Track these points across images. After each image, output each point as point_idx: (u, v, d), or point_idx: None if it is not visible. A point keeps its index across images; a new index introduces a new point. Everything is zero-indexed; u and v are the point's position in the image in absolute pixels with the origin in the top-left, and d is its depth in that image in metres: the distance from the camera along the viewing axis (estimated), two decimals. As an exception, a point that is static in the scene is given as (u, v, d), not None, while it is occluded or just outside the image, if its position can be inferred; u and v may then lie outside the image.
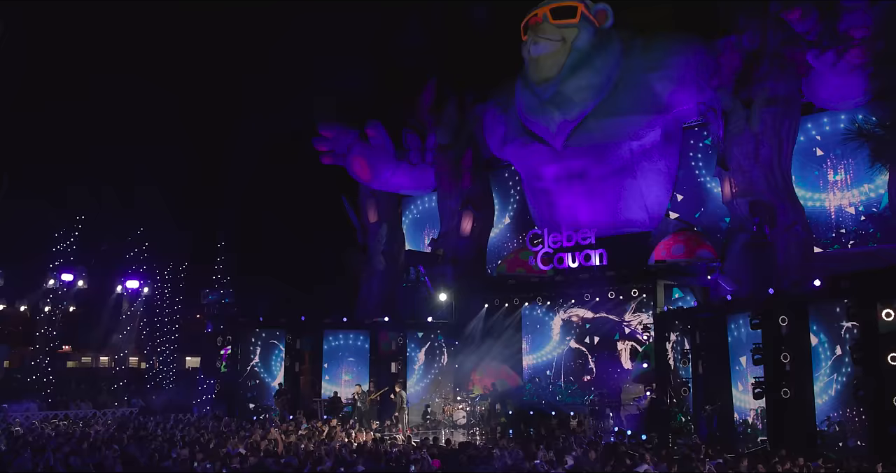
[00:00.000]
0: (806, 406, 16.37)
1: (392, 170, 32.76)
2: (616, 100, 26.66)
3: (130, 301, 35.64)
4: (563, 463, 12.90)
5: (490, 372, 27.37)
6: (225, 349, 27.72)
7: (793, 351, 16.63)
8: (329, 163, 33.30)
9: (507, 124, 29.77)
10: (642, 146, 26.80)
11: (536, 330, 28.75)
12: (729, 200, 24.13)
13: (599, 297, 25.50)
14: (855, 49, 21.04)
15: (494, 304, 27.74)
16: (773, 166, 23.47)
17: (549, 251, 26.43)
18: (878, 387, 14.58)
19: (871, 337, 14.80)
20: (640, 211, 27.07)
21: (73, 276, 33.54)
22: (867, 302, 15.03)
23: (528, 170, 29.07)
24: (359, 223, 34.33)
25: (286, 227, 35.88)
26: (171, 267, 37.32)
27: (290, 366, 27.07)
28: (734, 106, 24.15)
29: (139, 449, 15.59)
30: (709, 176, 26.76)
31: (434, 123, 32.31)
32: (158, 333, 37.88)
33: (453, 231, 30.95)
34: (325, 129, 32.71)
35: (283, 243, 36.11)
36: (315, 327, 27.73)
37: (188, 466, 13.61)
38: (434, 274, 29.65)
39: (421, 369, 28.01)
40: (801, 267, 21.93)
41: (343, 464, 13.21)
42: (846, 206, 24.30)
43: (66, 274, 33.57)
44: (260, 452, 15.10)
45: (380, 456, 14.62)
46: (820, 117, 24.95)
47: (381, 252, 33.40)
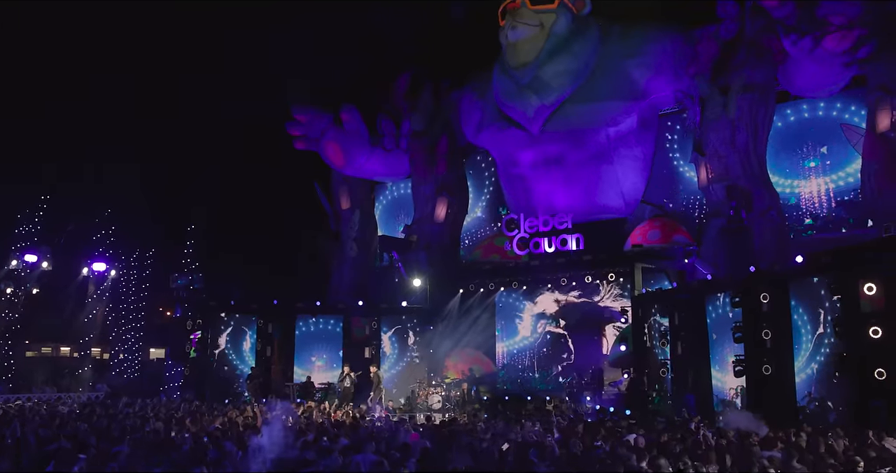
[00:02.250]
0: (786, 383, 16.45)
1: (366, 155, 32.40)
2: (593, 86, 26.70)
3: (97, 284, 34.73)
4: (551, 434, 12.75)
5: (464, 357, 27.20)
6: (194, 334, 27.11)
7: (773, 327, 16.70)
8: (302, 148, 32.82)
9: (483, 110, 29.65)
10: (619, 132, 26.87)
11: (510, 316, 28.59)
12: (705, 186, 24.30)
13: (576, 282, 25.50)
14: (832, 35, 21.23)
15: (469, 289, 27.58)
16: (748, 152, 23.68)
17: (525, 236, 26.39)
18: (861, 361, 14.67)
19: (854, 312, 14.88)
20: (617, 197, 27.12)
21: (38, 257, 32.52)
22: (849, 277, 15.13)
23: (505, 156, 28.97)
24: (331, 209, 33.92)
25: (258, 213, 35.24)
26: (139, 250, 36.43)
27: (262, 351, 26.60)
28: (711, 93, 24.32)
29: (112, 424, 15.11)
30: (684, 162, 26.90)
31: (409, 109, 32.08)
32: (124, 321, 36.96)
33: (427, 217, 30.75)
34: (298, 113, 32.25)
35: (254, 229, 35.45)
36: (287, 311, 27.30)
37: (165, 436, 13.18)
38: (408, 260, 29.42)
39: (394, 354, 27.70)
40: (776, 251, 22.12)
41: (327, 436, 12.91)
42: (819, 193, 24.59)
43: (30, 255, 32.52)
44: (238, 426, 14.72)
45: (359, 431, 14.35)
46: (796, 105, 25.22)
47: (353, 238, 33.04)
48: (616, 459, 8.81)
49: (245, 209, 35.47)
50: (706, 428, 12.31)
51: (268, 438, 12.73)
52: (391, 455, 10.59)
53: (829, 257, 15.87)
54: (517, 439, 12.14)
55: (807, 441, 11.00)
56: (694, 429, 13.28)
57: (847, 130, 24.08)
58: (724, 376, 18.85)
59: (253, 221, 35.13)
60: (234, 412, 18.32)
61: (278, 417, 16.97)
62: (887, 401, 14.26)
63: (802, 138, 25.04)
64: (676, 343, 20.06)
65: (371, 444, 10.53)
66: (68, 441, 12.47)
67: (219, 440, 12.56)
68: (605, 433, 12.71)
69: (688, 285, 21.00)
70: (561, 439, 11.99)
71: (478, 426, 14.82)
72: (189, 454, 10.52)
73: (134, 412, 19.14)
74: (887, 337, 14.43)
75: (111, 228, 35.36)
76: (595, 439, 11.94)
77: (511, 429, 13.49)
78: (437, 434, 13.44)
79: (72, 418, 16.80)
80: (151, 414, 17.68)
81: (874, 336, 14.52)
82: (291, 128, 32.48)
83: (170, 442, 12.32)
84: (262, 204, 35.08)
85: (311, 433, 13.82)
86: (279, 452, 10.67)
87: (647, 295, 22.48)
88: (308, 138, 32.62)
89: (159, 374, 32.21)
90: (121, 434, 13.86)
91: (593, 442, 11.26)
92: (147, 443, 12.11)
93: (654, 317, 21.45)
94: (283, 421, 15.12)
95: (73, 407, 21.22)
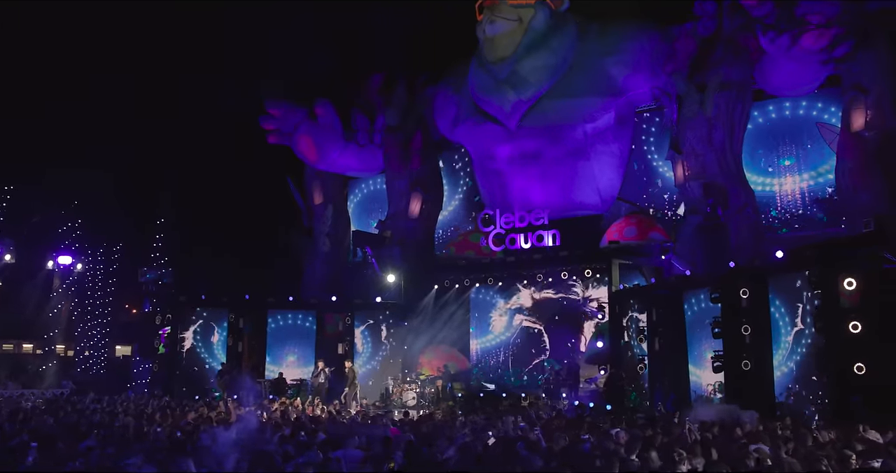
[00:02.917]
0: (765, 378, 16.44)
1: (340, 150, 32.00)
2: (571, 82, 26.58)
3: (62, 278, 33.86)
4: (532, 430, 12.54)
5: (439, 354, 26.96)
6: (163, 329, 26.54)
7: (753, 323, 16.68)
8: (275, 143, 32.32)
9: (458, 105, 29.39)
10: (596, 128, 26.77)
11: (485, 312, 28.51)
12: (681, 183, 24.30)
13: (552, 278, 25.39)
14: (810, 34, 21.32)
15: (444, 285, 27.35)
16: (725, 150, 23.70)
17: (500, 232, 26.23)
18: (840, 356, 14.67)
19: (833, 307, 14.88)
20: (593, 193, 27.02)
21: (0, 250, 31.58)
22: (829, 271, 15.13)
23: (481, 151, 28.74)
24: (304, 204, 33.47)
25: (228, 207, 34.65)
26: (107, 243, 35.58)
27: (233, 346, 26.09)
28: (688, 90, 24.31)
29: (80, 419, 14.63)
30: (660, 159, 26.92)
31: (383, 104, 31.73)
32: (89, 316, 36.12)
33: (401, 212, 30.42)
34: (272, 107, 31.76)
35: (225, 223, 34.84)
36: (259, 306, 26.84)
37: (137, 431, 12.76)
38: (381, 256, 29.10)
39: (368, 350, 27.35)
40: (752, 248, 22.16)
41: (304, 430, 12.58)
42: (794, 191, 24.72)
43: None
44: (212, 421, 14.33)
45: (337, 426, 14.05)
46: (771, 104, 25.33)
47: (325, 233, 32.61)
48: (608, 453, 8.61)
49: (216, 203, 34.88)
50: (691, 422, 12.19)
51: (243, 432, 12.40)
52: (373, 450, 10.32)
53: (809, 252, 15.87)
54: (500, 433, 11.92)
55: (795, 434, 10.90)
56: (678, 423, 13.15)
57: (823, 129, 24.22)
58: (702, 372, 18.82)
59: (224, 215, 34.56)
60: (204, 408, 17.90)
61: (252, 412, 16.63)
62: (866, 396, 14.27)
63: (778, 137, 25.13)
64: (654, 339, 19.99)
65: (354, 439, 10.22)
66: (33, 437, 12.04)
67: (192, 434, 12.20)
68: (588, 428, 12.53)
69: (666, 281, 20.95)
70: (544, 433, 11.78)
71: (457, 421, 14.58)
72: (164, 446, 10.14)
73: (102, 407, 18.62)
74: (867, 331, 14.45)
75: (77, 221, 34.52)
76: (579, 433, 11.75)
77: (491, 424, 13.26)
78: (417, 429, 13.19)
79: (36, 413, 16.28)
80: (121, 410, 17.20)
81: (854, 331, 14.53)
82: (264, 122, 31.96)
83: (142, 437, 11.92)
84: (233, 198, 34.50)
85: (287, 427, 13.49)
86: (256, 446, 10.34)
87: (624, 292, 22.40)
88: (281, 132, 32.14)
89: (126, 371, 31.52)
90: (88, 429, 13.42)
91: (579, 436, 11.06)
92: (118, 438, 11.71)
93: (632, 313, 21.36)
94: (257, 416, 14.78)
95: (38, 403, 20.66)
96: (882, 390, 13.95)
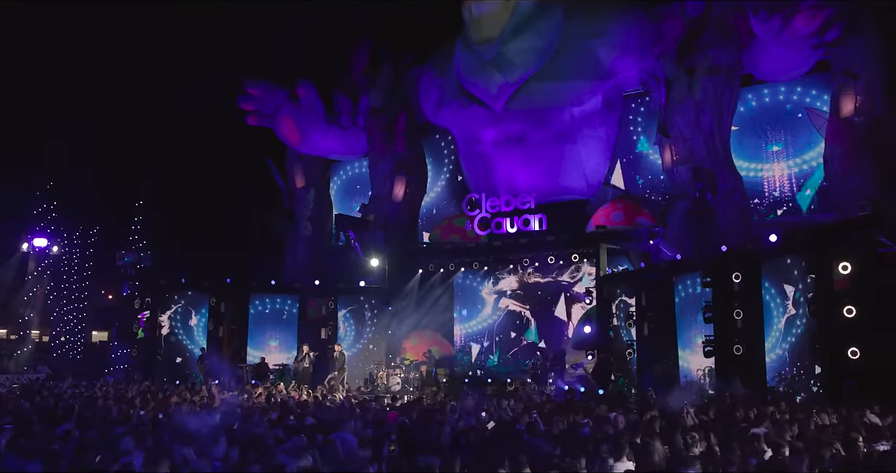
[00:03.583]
0: (757, 363, 16.30)
1: (322, 133, 31.46)
2: (558, 64, 26.25)
3: (37, 261, 33.03)
4: (529, 413, 12.27)
5: (423, 339, 26.64)
6: (142, 314, 25.96)
7: (745, 307, 16.52)
8: (255, 125, 31.73)
9: (443, 87, 28.98)
10: (583, 112, 26.50)
11: (469, 298, 28.26)
12: (669, 168, 24.14)
13: (539, 262, 25.13)
14: (802, 15, 21.15)
15: (429, 270, 27.02)
16: (713, 134, 23.56)
17: (486, 216, 25.92)
18: (834, 340, 14.54)
19: (828, 291, 14.74)
20: (579, 178, 26.76)
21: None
22: (824, 256, 14.98)
23: (466, 134, 28.36)
24: (285, 187, 32.94)
25: (208, 189, 33.98)
26: (83, 226, 34.77)
27: (214, 331, 25.59)
28: (677, 74, 24.12)
29: (58, 403, 14.17)
30: (648, 144, 26.72)
31: (367, 85, 31.22)
32: (65, 301, 35.39)
33: (385, 196, 29.98)
34: (252, 87, 31.12)
35: (205, 206, 34.18)
36: (240, 290, 26.34)
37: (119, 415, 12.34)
38: (365, 240, 28.65)
39: (351, 335, 26.98)
40: (741, 233, 22.04)
41: (293, 415, 12.23)
42: (782, 177, 24.62)
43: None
44: (196, 405, 13.94)
45: (325, 409, 13.71)
46: (759, 89, 25.17)
47: (307, 217, 32.15)
48: (616, 437, 8.35)
49: (195, 185, 34.20)
50: (689, 406, 11.98)
51: (229, 416, 12.03)
52: (368, 434, 10.01)
53: (803, 236, 15.71)
54: (494, 417, 11.65)
55: (794, 418, 10.72)
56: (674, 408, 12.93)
57: (812, 114, 24.10)
58: (692, 356, 18.68)
59: (204, 198, 33.90)
60: (187, 392, 17.48)
61: (235, 396, 16.26)
62: (860, 380, 14.17)
63: (766, 122, 24.98)
64: (643, 324, 19.80)
65: (350, 423, 9.88)
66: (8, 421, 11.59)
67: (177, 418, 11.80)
68: (584, 412, 12.29)
69: (656, 265, 20.75)
70: (541, 417, 11.52)
71: (447, 406, 14.29)
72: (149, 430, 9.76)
73: (80, 392, 18.14)
74: (861, 316, 14.32)
75: (53, 202, 33.70)
76: (574, 418, 11.50)
77: (483, 408, 12.98)
78: (408, 414, 12.89)
79: (11, 397, 15.78)
80: (100, 394, 16.74)
81: (848, 315, 14.39)
82: (244, 102, 31.31)
83: (124, 420, 11.52)
84: (213, 180, 33.84)
85: (274, 412, 13.15)
86: (245, 430, 9.98)
87: (612, 276, 22.20)
88: (262, 114, 31.52)
89: (104, 356, 30.90)
90: (67, 414, 12.97)
91: (578, 421, 10.81)
92: (99, 421, 11.29)
93: (622, 298, 21.16)
94: (242, 400, 14.42)
95: (13, 388, 20.12)
96: (876, 374, 13.83)
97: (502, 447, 7.72)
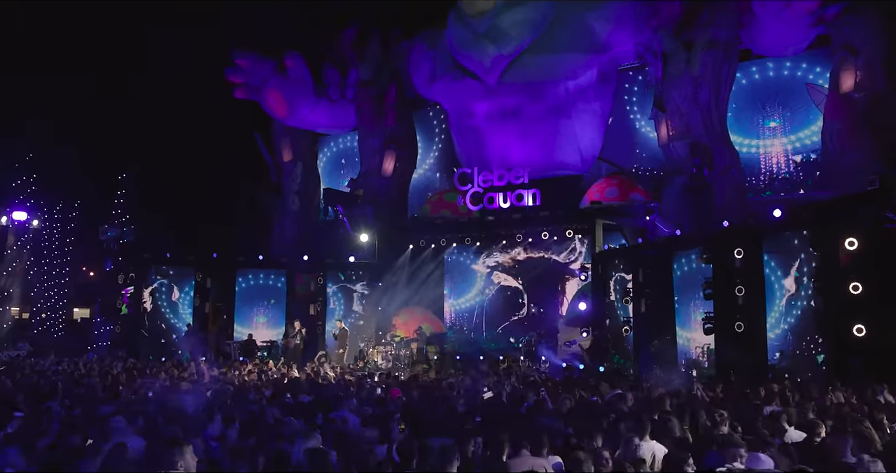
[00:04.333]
0: (758, 340, 16.01)
1: (310, 106, 30.82)
2: (553, 37, 25.71)
3: (17, 235, 32.17)
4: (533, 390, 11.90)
5: (413, 316, 26.24)
6: (126, 289, 25.37)
7: (747, 284, 16.19)
8: (242, 97, 31.01)
9: (434, 60, 28.35)
10: (578, 86, 26.00)
11: (460, 274, 27.88)
12: (665, 143, 23.75)
13: (532, 238, 24.74)
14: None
15: (420, 245, 26.57)
16: (710, 109, 23.19)
17: (478, 190, 25.50)
18: (839, 317, 14.26)
19: (833, 267, 14.44)
20: (574, 153, 26.29)
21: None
22: (829, 231, 14.67)
23: (458, 107, 27.79)
24: (272, 161, 32.30)
25: (194, 162, 33.16)
26: (65, 200, 33.87)
27: (200, 307, 25.07)
28: (675, 48, 23.66)
29: (40, 380, 13.67)
30: (643, 119, 26.31)
31: (356, 58, 30.54)
32: (46, 277, 34.62)
33: (374, 170, 29.44)
34: (240, 58, 30.38)
35: (190, 179, 33.34)
36: (227, 265, 25.79)
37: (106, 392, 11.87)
38: (353, 215, 28.11)
39: (340, 311, 26.54)
40: (738, 209, 21.74)
41: (289, 392, 11.80)
42: (779, 153, 24.33)
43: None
44: (185, 382, 13.48)
45: (321, 387, 13.30)
46: (757, 64, 24.77)
47: (295, 191, 31.62)
48: (634, 415, 7.98)
49: (180, 159, 33.40)
50: (697, 383, 11.67)
51: (221, 394, 11.61)
52: (364, 412, 9.61)
53: (808, 211, 15.39)
54: (496, 394, 11.28)
55: (806, 397, 10.41)
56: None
57: (811, 90, 23.74)
58: (691, 334, 18.40)
59: (189, 171, 33.11)
60: (174, 369, 17.02)
61: (224, 374, 15.81)
62: (864, 358, 13.90)
63: (764, 98, 24.62)
64: (640, 300, 19.47)
65: (352, 401, 9.46)
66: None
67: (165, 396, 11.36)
68: (590, 390, 11.94)
69: (654, 241, 20.39)
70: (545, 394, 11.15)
71: (443, 383, 13.93)
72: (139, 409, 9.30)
73: (63, 369, 17.62)
74: (867, 292, 14.03)
75: (33, 175, 32.78)
76: (582, 394, 11.15)
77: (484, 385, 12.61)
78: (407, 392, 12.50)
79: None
80: (84, 371, 16.23)
81: (854, 292, 14.10)
82: (232, 74, 30.63)
83: (111, 398, 11.05)
84: (198, 154, 33.04)
85: (267, 389, 12.72)
86: (241, 408, 9.55)
87: (609, 252, 21.86)
88: (249, 86, 30.83)
89: (86, 332, 30.27)
90: (51, 391, 12.48)
91: (586, 398, 10.45)
92: (85, 398, 10.82)
93: (619, 274, 20.82)
94: (234, 377, 13.97)
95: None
96: (881, 351, 13.56)
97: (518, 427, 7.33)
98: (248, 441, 7.36)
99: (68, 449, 7.00)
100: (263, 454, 6.14)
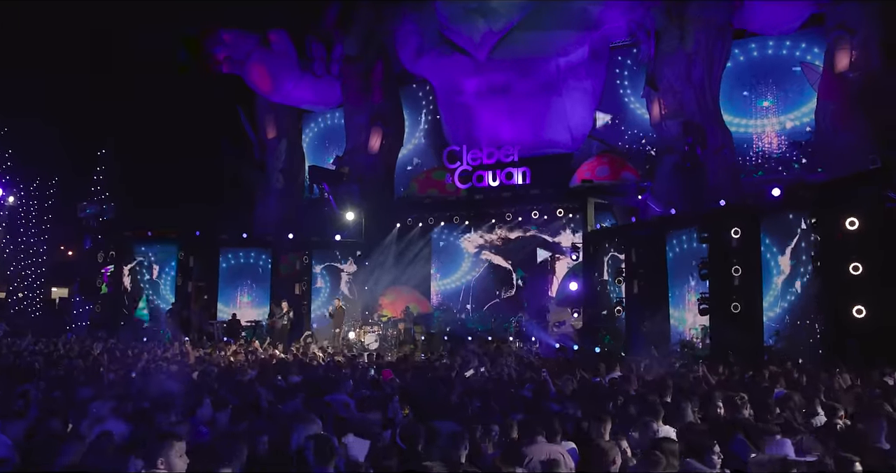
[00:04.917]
0: (755, 321, 15.76)
1: (295, 81, 30.14)
2: (544, 13, 25.22)
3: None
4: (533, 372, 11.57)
5: (400, 296, 25.84)
6: (106, 268, 24.72)
7: (744, 264, 15.92)
8: (226, 72, 30.26)
9: (422, 35, 27.76)
10: (569, 63, 25.57)
11: (449, 253, 27.47)
12: (658, 122, 23.39)
13: (522, 217, 24.37)
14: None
15: (407, 224, 26.13)
16: (704, 88, 22.86)
17: (467, 168, 25.07)
18: (839, 298, 14.02)
19: (834, 248, 14.18)
20: (564, 131, 25.91)
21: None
22: (829, 211, 14.40)
23: (447, 84, 27.25)
24: (256, 138, 31.64)
25: (175, 138, 32.40)
26: (42, 176, 33.01)
27: (183, 286, 24.51)
28: (668, 25, 23.26)
29: (17, 361, 13.16)
30: (634, 97, 25.93)
31: (342, 33, 29.85)
32: (23, 255, 33.85)
33: (360, 147, 28.84)
34: (223, 32, 29.61)
35: (171, 154, 32.59)
36: (210, 244, 25.21)
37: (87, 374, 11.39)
38: (339, 193, 27.57)
39: (326, 291, 26.08)
40: (730, 189, 21.47)
41: (279, 374, 11.38)
42: (772, 133, 24.07)
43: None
44: (168, 363, 13.02)
45: (311, 368, 12.89)
46: (751, 42, 24.43)
47: (279, 169, 31.01)
48: (643, 398, 7.64)
49: (161, 135, 32.64)
50: (703, 365, 11.39)
51: (208, 375, 11.18)
52: (360, 394, 9.21)
53: (808, 191, 15.09)
54: (495, 376, 10.93)
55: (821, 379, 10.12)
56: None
57: (806, 69, 23.43)
58: (684, 315, 18.14)
59: (170, 146, 32.37)
60: (157, 350, 16.53)
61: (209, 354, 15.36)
62: (862, 340, 13.67)
63: (757, 77, 24.30)
64: (633, 281, 19.17)
65: (348, 383, 9.07)
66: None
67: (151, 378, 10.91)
68: (591, 372, 11.61)
69: (648, 221, 20.07)
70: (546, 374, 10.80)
71: (435, 364, 13.57)
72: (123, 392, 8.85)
73: (41, 349, 17.07)
74: (867, 273, 13.78)
75: (8, 151, 31.89)
76: (583, 376, 10.83)
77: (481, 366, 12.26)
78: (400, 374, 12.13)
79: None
80: (63, 352, 15.71)
81: (854, 272, 13.84)
82: (215, 48, 29.86)
83: (92, 380, 10.58)
84: (180, 129, 32.29)
85: (253, 370, 12.30)
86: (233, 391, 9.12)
87: (601, 232, 21.54)
88: (232, 60, 30.10)
89: (65, 312, 29.62)
90: (28, 373, 11.98)
91: (588, 379, 10.12)
92: (65, 380, 10.35)
93: (612, 253, 20.50)
94: (220, 358, 13.53)
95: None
96: (882, 332, 13.33)
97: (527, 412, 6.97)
98: (240, 427, 6.96)
99: (48, 435, 6.55)
100: (259, 441, 5.74)
